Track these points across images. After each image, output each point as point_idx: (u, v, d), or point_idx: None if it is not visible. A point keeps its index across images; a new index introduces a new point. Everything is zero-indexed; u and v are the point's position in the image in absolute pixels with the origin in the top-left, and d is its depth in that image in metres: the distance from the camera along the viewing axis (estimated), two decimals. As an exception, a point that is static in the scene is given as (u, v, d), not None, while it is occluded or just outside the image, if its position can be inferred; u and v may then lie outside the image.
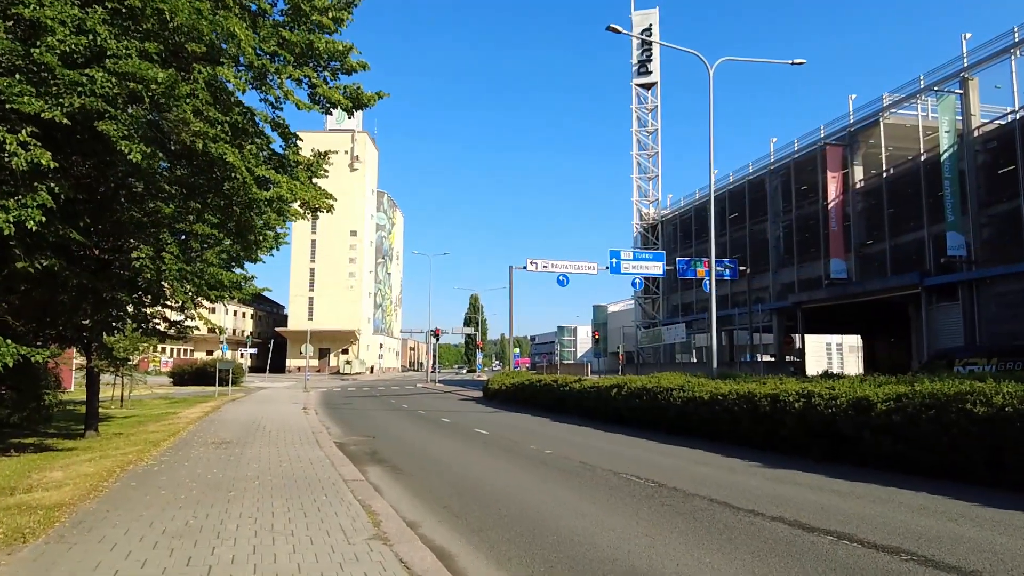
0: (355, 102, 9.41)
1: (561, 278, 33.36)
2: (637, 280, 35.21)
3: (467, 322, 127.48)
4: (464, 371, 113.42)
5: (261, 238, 12.90)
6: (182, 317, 17.06)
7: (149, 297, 17.07)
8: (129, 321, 18.38)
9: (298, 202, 10.07)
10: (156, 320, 18.47)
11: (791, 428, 12.69)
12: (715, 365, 19.92)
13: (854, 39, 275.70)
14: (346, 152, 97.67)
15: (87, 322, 14.06)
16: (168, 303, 17.07)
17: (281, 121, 9.54)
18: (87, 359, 17.04)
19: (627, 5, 63.26)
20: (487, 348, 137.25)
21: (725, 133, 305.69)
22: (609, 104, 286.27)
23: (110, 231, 12.03)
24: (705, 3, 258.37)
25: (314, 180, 12.38)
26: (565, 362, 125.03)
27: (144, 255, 11.91)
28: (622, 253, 33.99)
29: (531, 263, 33.39)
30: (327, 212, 10.46)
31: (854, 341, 53.23)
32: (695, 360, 64.78)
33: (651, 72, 61.32)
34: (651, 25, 61.68)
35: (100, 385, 18.97)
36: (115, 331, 15.41)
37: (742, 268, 36.45)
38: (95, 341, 16.68)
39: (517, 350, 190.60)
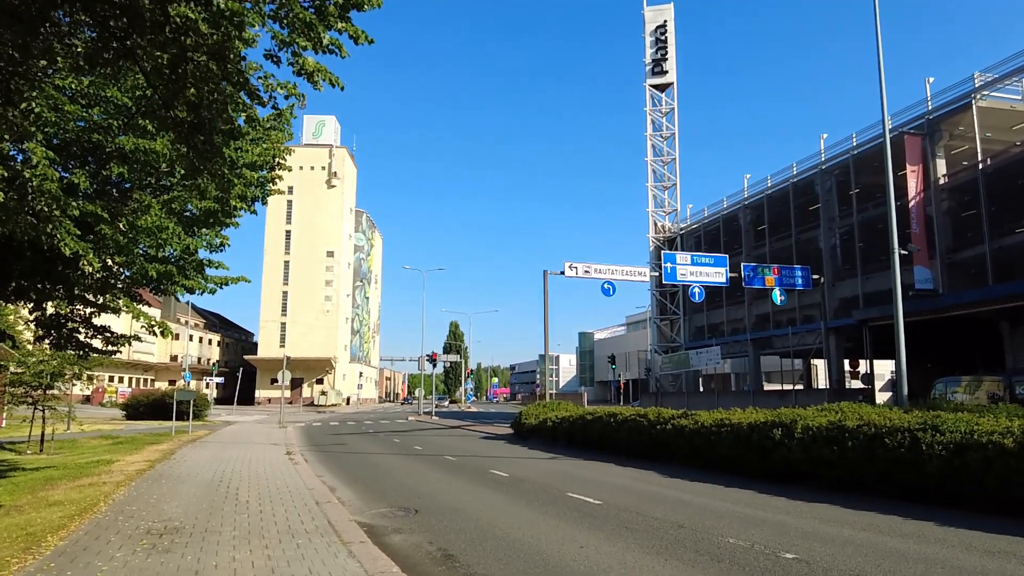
0: None
1: (606, 285, 26.99)
2: (697, 290, 28.88)
3: (447, 349, 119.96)
4: (446, 402, 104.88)
5: (244, 129, 6.35)
6: (96, 310, 10.33)
7: (60, 288, 10.44)
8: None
9: None
10: (72, 323, 11.76)
11: None
12: (904, 392, 13.65)
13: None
14: (323, 168, 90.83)
15: None
16: (81, 290, 10.40)
17: None
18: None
19: (639, 2, 58.02)
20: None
21: (740, 145, 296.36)
22: (617, 113, 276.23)
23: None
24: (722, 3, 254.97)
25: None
26: (551, 391, 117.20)
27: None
28: (678, 257, 27.82)
29: (570, 267, 26.96)
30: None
31: (868, 368, 46.99)
32: (702, 389, 58.65)
33: (667, 72, 55.79)
34: (666, 21, 56.44)
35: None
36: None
37: (815, 276, 30.34)
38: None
39: (496, 380, 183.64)
